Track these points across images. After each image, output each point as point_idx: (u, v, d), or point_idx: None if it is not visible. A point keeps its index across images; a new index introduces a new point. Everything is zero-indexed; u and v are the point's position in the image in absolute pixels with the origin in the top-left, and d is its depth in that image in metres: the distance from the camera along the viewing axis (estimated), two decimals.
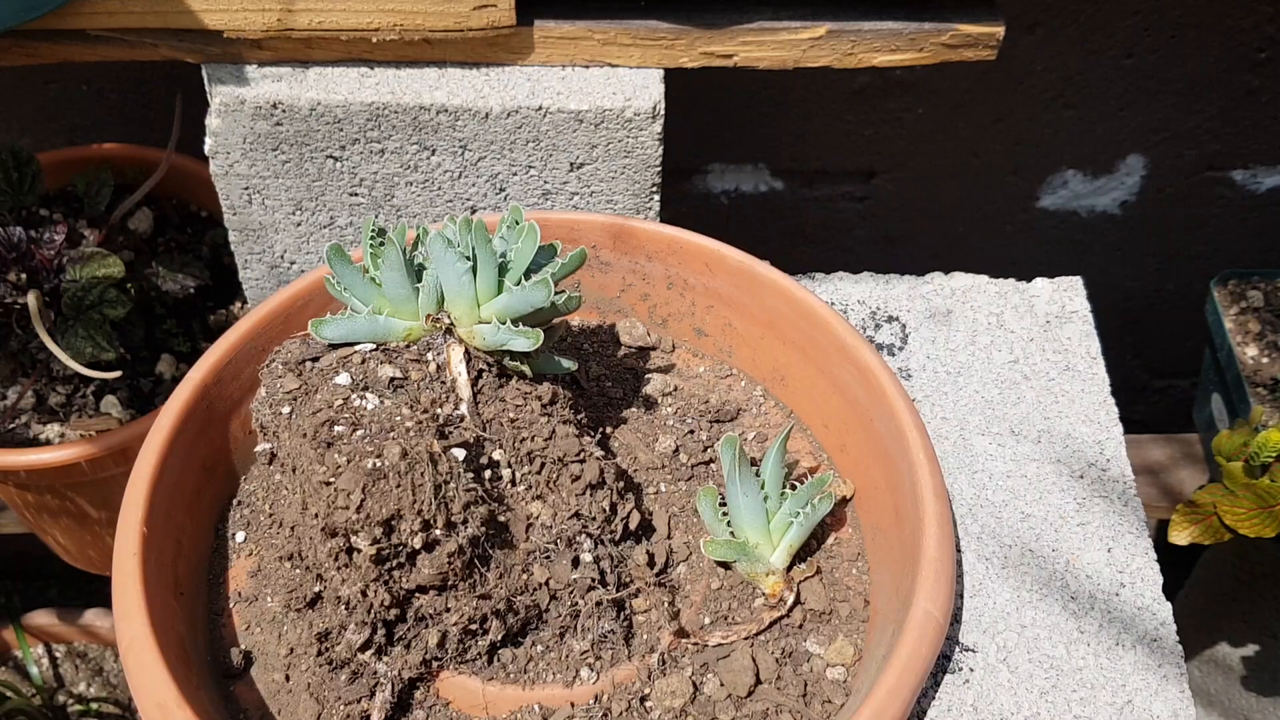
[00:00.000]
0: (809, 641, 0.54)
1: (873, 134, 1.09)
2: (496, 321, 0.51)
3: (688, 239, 0.65)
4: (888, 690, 0.45)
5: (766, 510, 0.54)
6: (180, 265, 0.95)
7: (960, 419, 0.66)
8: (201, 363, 0.59)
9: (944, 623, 0.49)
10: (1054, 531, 0.61)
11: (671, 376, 0.67)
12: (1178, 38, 1.01)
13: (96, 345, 0.82)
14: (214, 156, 0.75)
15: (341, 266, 0.52)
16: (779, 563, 0.55)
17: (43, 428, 0.90)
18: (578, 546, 0.52)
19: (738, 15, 0.74)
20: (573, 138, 0.74)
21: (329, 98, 0.73)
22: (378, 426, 0.48)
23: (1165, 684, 0.54)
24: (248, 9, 0.71)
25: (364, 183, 0.77)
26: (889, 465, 0.56)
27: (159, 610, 0.50)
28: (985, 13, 0.75)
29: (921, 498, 0.52)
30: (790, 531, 0.54)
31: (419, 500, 0.46)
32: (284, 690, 0.52)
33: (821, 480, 0.55)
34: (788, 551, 0.55)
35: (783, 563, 0.55)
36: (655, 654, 0.52)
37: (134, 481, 0.53)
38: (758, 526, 0.54)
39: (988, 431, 0.66)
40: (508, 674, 0.52)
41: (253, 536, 0.59)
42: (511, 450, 0.52)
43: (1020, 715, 0.53)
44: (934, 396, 0.68)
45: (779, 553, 0.55)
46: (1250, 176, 1.14)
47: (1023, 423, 0.66)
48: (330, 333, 0.52)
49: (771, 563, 0.55)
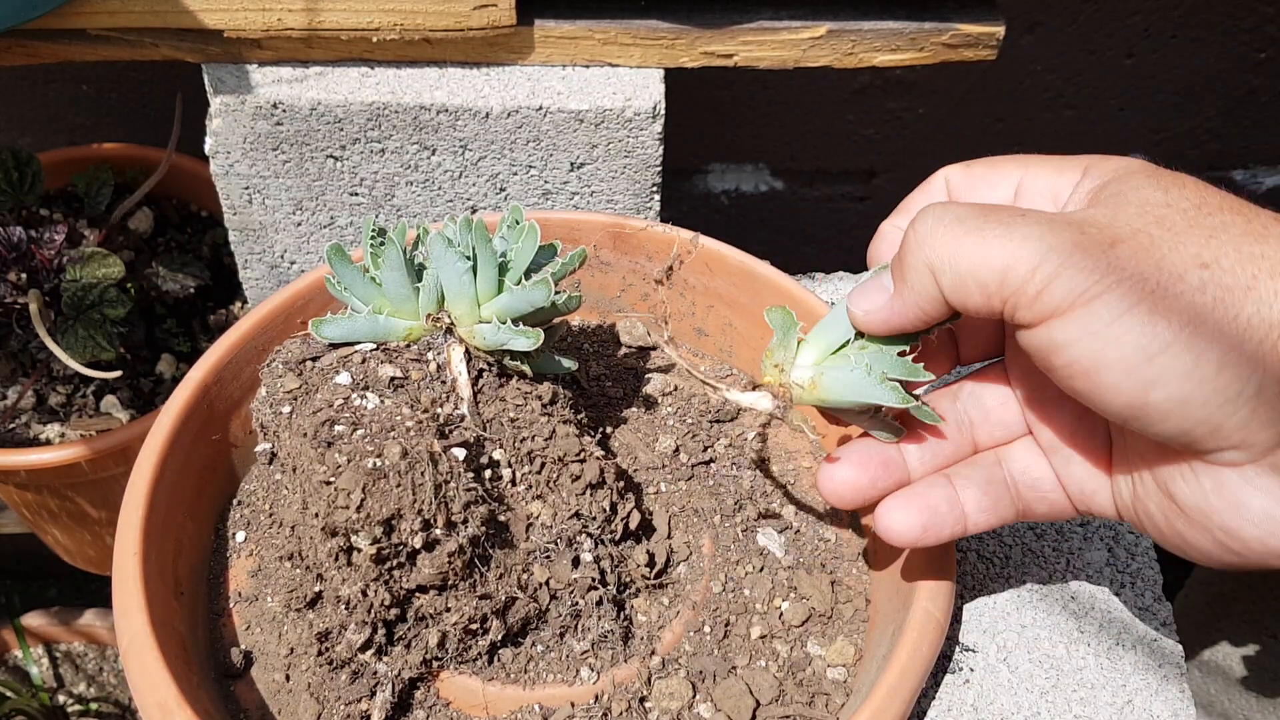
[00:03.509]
0: (810, 642, 0.54)
1: (873, 134, 1.09)
2: (497, 321, 0.51)
3: (688, 239, 0.65)
4: (888, 690, 0.45)
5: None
6: (180, 265, 0.95)
7: None
8: (202, 362, 0.59)
9: (944, 622, 0.49)
10: (1054, 531, 0.61)
11: (671, 376, 0.67)
12: (1178, 38, 1.01)
13: (96, 345, 0.82)
14: (214, 156, 0.75)
15: (342, 266, 0.52)
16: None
17: (43, 428, 0.90)
18: (578, 546, 0.52)
19: (738, 15, 0.74)
20: (573, 137, 0.74)
21: (329, 97, 0.73)
22: (378, 426, 0.48)
23: (1165, 684, 0.54)
24: (248, 9, 0.71)
25: (364, 182, 0.77)
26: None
27: (159, 610, 0.50)
28: (986, 12, 0.75)
29: None
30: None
31: (419, 500, 0.46)
32: (284, 690, 0.52)
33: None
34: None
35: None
36: (656, 655, 0.52)
37: (134, 481, 0.53)
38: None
39: None
40: (508, 674, 0.52)
41: (253, 536, 0.59)
42: (512, 450, 0.52)
43: (1020, 715, 0.53)
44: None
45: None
46: (1251, 177, 1.14)
47: None
48: (330, 332, 0.52)
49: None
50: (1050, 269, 0.38)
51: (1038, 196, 0.46)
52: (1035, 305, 0.38)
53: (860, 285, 0.46)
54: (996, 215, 0.40)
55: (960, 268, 0.40)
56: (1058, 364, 0.39)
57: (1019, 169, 0.47)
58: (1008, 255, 0.39)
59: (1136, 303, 0.37)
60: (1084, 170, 0.45)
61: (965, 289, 0.40)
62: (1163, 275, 0.37)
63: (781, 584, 0.56)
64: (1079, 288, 0.37)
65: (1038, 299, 0.38)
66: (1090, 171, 0.44)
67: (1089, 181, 0.44)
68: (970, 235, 0.40)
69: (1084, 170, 0.45)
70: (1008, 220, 0.40)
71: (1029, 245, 0.38)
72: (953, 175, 0.49)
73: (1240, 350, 0.36)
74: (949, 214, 0.41)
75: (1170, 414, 0.37)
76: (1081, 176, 0.45)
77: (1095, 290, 0.37)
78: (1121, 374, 0.37)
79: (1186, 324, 0.36)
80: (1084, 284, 0.37)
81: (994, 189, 0.48)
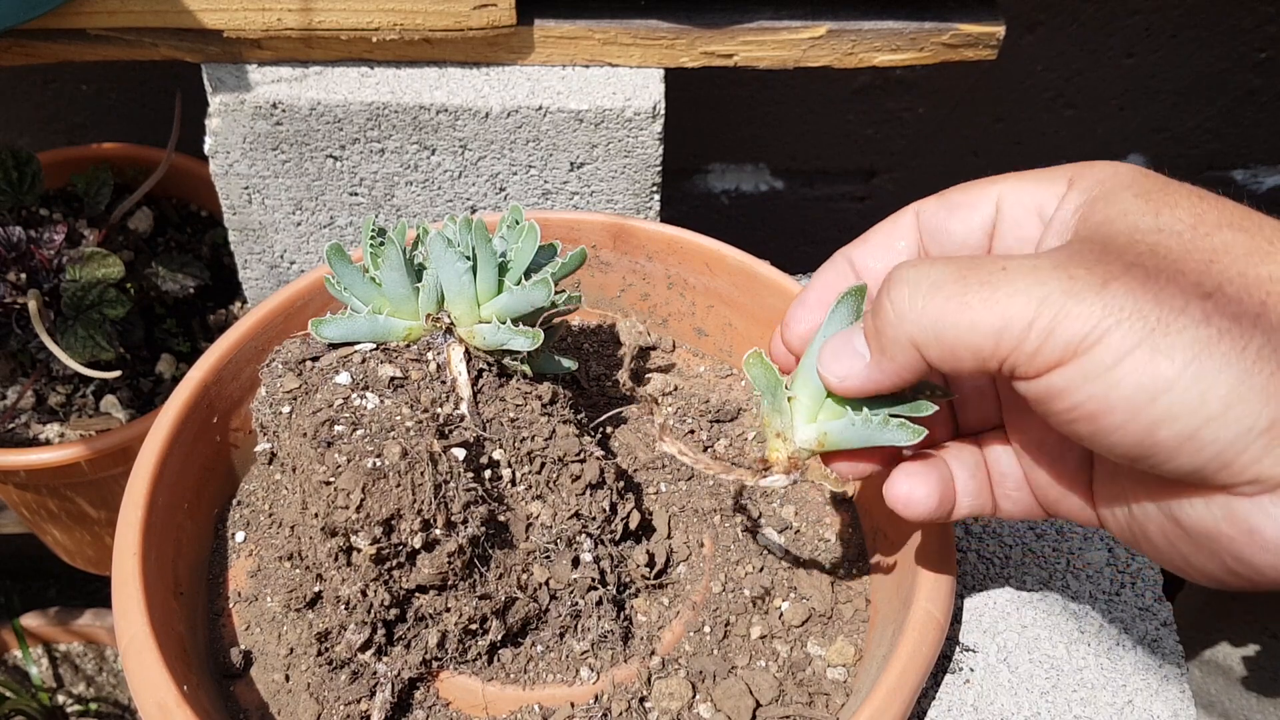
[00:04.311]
0: (810, 642, 0.54)
1: (873, 133, 1.09)
2: (496, 321, 0.50)
3: (688, 239, 0.65)
4: (888, 690, 0.45)
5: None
6: (180, 265, 0.95)
7: None
8: (201, 362, 0.58)
9: (945, 622, 0.49)
10: (1054, 531, 0.61)
11: (672, 376, 0.67)
12: (1179, 37, 1.01)
13: (96, 345, 0.82)
14: (214, 156, 0.75)
15: (341, 266, 0.52)
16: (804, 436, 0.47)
17: (43, 428, 0.90)
18: (578, 546, 0.52)
19: (738, 15, 0.74)
20: (573, 137, 0.74)
21: (329, 97, 0.73)
22: (378, 426, 0.48)
23: (1165, 684, 0.54)
24: (248, 9, 0.71)
25: (364, 182, 0.77)
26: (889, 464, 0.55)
27: (159, 610, 0.49)
28: (986, 12, 0.75)
29: None
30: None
31: (419, 500, 0.46)
32: (284, 690, 0.52)
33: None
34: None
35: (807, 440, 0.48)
36: (656, 655, 0.52)
37: (134, 481, 0.53)
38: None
39: None
40: (508, 674, 0.51)
41: (253, 536, 0.59)
42: (511, 450, 0.52)
43: (1020, 715, 0.53)
44: None
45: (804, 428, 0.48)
46: (1251, 176, 1.14)
47: None
48: (330, 332, 0.52)
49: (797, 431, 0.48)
50: (1045, 323, 0.37)
51: (1021, 214, 0.44)
52: (1034, 360, 0.37)
53: (831, 346, 0.45)
54: (976, 274, 0.39)
55: (947, 339, 0.39)
56: (1059, 409, 0.38)
57: (996, 187, 0.45)
58: (997, 318, 0.37)
59: (1137, 344, 0.35)
60: (1069, 183, 0.43)
61: (956, 358, 0.39)
62: (1162, 311, 0.36)
63: (781, 584, 0.56)
64: (1079, 335, 0.36)
65: (1036, 355, 0.37)
66: (1076, 184, 0.43)
67: (1075, 196, 0.42)
68: (952, 303, 0.39)
69: (1069, 183, 0.43)
70: (990, 279, 0.38)
71: (1017, 301, 0.37)
72: (925, 209, 0.47)
73: (1249, 384, 0.35)
74: (925, 280, 0.40)
75: (1178, 452, 0.36)
76: (1067, 189, 0.43)
77: (1094, 336, 0.36)
78: (1126, 416, 0.36)
79: (1191, 360, 0.35)
80: (1083, 330, 0.36)
81: (972, 213, 0.46)
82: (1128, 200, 0.40)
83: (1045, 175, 0.44)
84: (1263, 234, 0.37)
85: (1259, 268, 0.36)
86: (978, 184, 0.46)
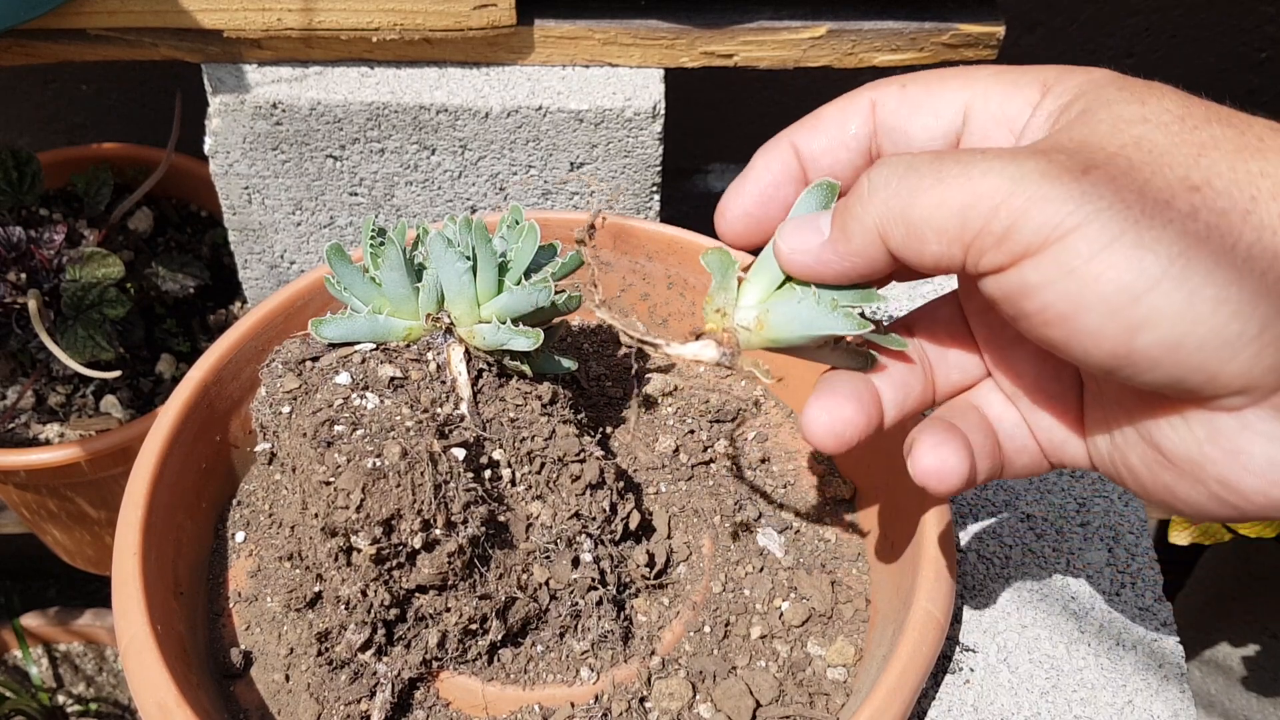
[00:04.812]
0: (810, 642, 0.54)
1: None
2: (496, 321, 0.50)
3: (688, 239, 0.65)
4: (888, 690, 0.45)
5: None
6: (180, 265, 0.95)
7: None
8: (201, 362, 0.58)
9: (945, 622, 0.49)
10: (1054, 531, 0.61)
11: (671, 376, 0.67)
12: (1178, 38, 1.01)
13: (96, 345, 0.82)
14: (214, 156, 0.75)
15: (341, 266, 0.52)
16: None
17: (43, 428, 0.90)
18: (578, 546, 0.52)
19: (738, 15, 0.74)
20: (573, 137, 0.74)
21: (329, 97, 0.73)
22: (378, 426, 0.48)
23: (1165, 684, 0.54)
24: (247, 9, 0.71)
25: (364, 182, 0.77)
26: (889, 464, 0.55)
27: (159, 610, 0.49)
28: (986, 12, 0.75)
29: (922, 496, 0.52)
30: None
31: (419, 500, 0.46)
32: (284, 690, 0.52)
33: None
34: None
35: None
36: (656, 655, 0.52)
37: (134, 481, 0.53)
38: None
39: None
40: (508, 674, 0.51)
41: (253, 536, 0.59)
42: (511, 450, 0.52)
43: (1020, 715, 0.53)
44: None
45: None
46: None
47: None
48: (330, 332, 0.52)
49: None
50: (1018, 203, 0.34)
51: (990, 123, 0.41)
52: (1003, 245, 0.34)
53: (795, 219, 0.42)
54: (954, 156, 0.36)
55: (913, 218, 0.36)
56: (1030, 309, 0.35)
57: (964, 88, 0.41)
58: (967, 194, 0.35)
59: (1119, 235, 0.32)
60: (1043, 88, 0.39)
61: (920, 239, 0.36)
62: (1146, 202, 0.33)
63: (781, 584, 0.56)
64: (1052, 221, 0.33)
65: (1005, 238, 0.34)
66: (1051, 89, 0.39)
67: (1050, 101, 0.39)
68: (925, 180, 0.36)
69: (1043, 88, 0.39)
70: (966, 159, 0.36)
71: (989, 179, 0.34)
72: (883, 98, 0.42)
73: (1240, 285, 0.32)
74: (902, 162, 0.37)
75: (1160, 361, 0.33)
76: (1041, 96, 0.39)
77: (1071, 223, 0.33)
78: (1104, 317, 0.33)
79: (1177, 256, 0.32)
80: (1058, 216, 0.33)
81: (936, 119, 0.41)
82: (1111, 91, 0.37)
83: (1018, 79, 0.40)
84: (1253, 131, 0.35)
85: (1249, 163, 0.33)
86: (942, 81, 0.42)
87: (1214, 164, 0.34)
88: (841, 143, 0.43)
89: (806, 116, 0.44)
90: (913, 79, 0.43)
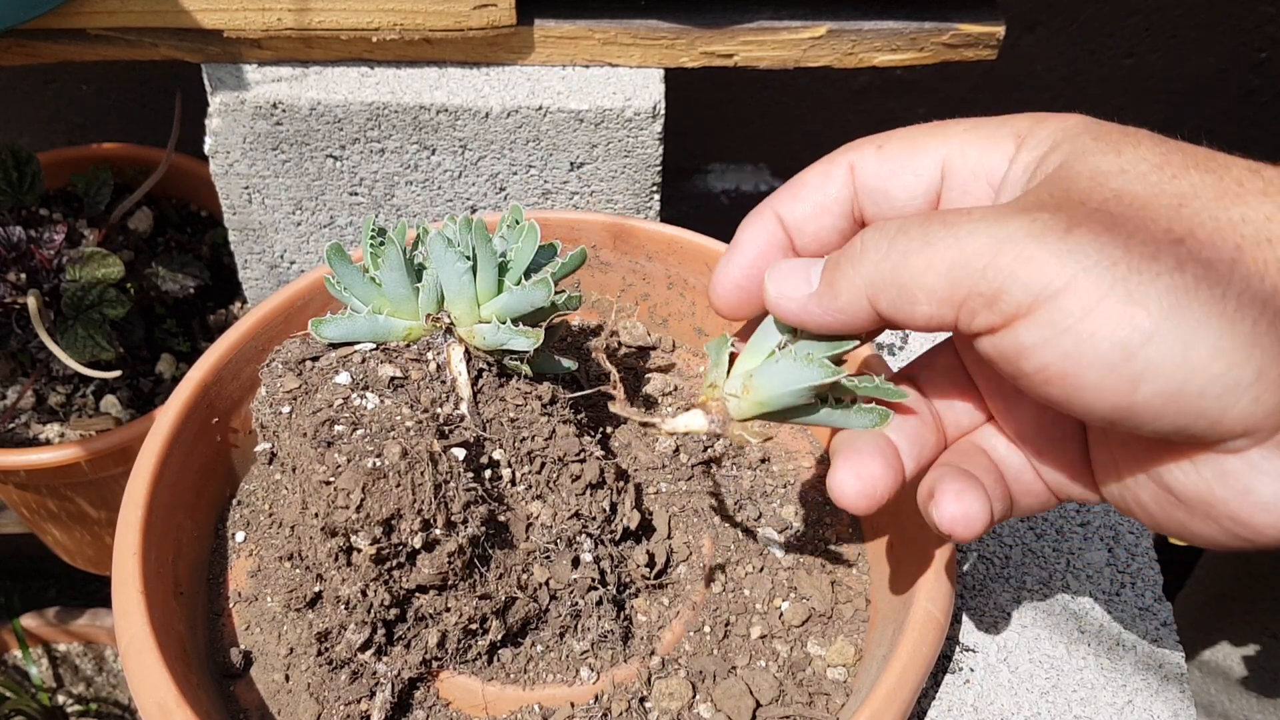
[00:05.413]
0: (810, 642, 0.54)
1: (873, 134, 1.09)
2: (496, 321, 0.50)
3: (688, 238, 0.65)
4: (888, 690, 0.45)
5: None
6: (180, 265, 0.95)
7: None
8: (201, 362, 0.58)
9: (945, 622, 0.49)
10: (1054, 531, 0.61)
11: (672, 376, 0.67)
12: (1178, 38, 1.01)
13: (96, 345, 0.82)
14: (214, 156, 0.75)
15: (341, 266, 0.52)
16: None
17: (43, 428, 0.90)
18: (578, 546, 0.52)
19: (738, 15, 0.74)
20: (573, 137, 0.74)
21: (329, 97, 0.73)
22: (378, 426, 0.48)
23: (1165, 684, 0.54)
24: (248, 9, 0.71)
25: (364, 182, 0.77)
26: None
27: (159, 610, 0.49)
28: (986, 12, 0.75)
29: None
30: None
31: (419, 500, 0.46)
32: (284, 690, 0.52)
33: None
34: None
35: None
36: (655, 655, 0.52)
37: (134, 481, 0.53)
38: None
39: None
40: (508, 674, 0.51)
41: (253, 536, 0.59)
42: (511, 450, 0.52)
43: (1020, 715, 0.53)
44: None
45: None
46: None
47: None
48: (330, 332, 0.52)
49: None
50: (1005, 262, 0.34)
51: (969, 178, 0.41)
52: (994, 306, 0.35)
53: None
54: (940, 218, 0.37)
55: (903, 280, 0.37)
56: (1028, 369, 0.35)
57: (941, 145, 0.41)
58: (954, 254, 0.35)
59: (1107, 292, 0.33)
60: (1018, 139, 0.40)
61: (911, 300, 0.37)
62: (1132, 258, 0.33)
63: (781, 584, 0.56)
64: (1041, 280, 0.34)
65: (995, 299, 0.35)
66: (1026, 141, 0.39)
67: (1026, 154, 0.39)
68: (915, 243, 0.37)
69: (1018, 139, 0.40)
70: (951, 220, 0.36)
71: (975, 239, 0.35)
72: (861, 160, 0.43)
73: (1233, 333, 0.32)
74: (893, 226, 0.38)
75: (1163, 411, 0.34)
76: (1017, 148, 0.40)
77: (1060, 281, 0.33)
78: (1102, 373, 0.34)
79: (1169, 310, 0.32)
80: (1046, 275, 0.33)
81: (916, 178, 0.42)
82: (1086, 143, 0.37)
83: (993, 133, 0.41)
84: (1231, 175, 0.35)
85: (1230, 210, 0.34)
86: (918, 138, 0.42)
87: (1196, 214, 0.34)
88: (824, 208, 0.44)
89: (787, 184, 0.45)
90: (888, 138, 0.43)
